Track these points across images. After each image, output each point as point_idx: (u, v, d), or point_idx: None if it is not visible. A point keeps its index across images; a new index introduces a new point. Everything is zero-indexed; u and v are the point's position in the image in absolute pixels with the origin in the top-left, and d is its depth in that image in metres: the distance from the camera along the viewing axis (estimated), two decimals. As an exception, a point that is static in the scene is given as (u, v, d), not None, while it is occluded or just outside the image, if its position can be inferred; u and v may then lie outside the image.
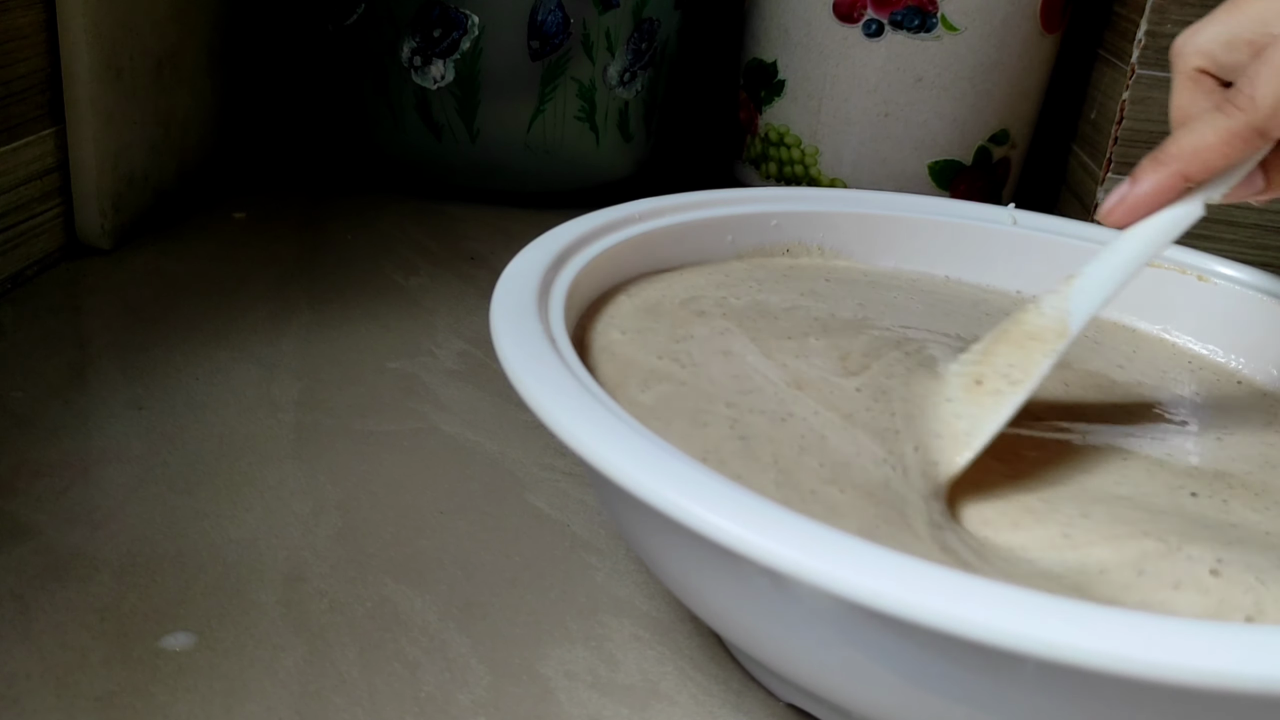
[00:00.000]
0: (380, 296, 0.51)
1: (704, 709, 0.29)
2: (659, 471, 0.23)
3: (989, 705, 0.22)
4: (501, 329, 0.29)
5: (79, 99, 0.49)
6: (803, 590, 0.22)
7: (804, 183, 0.66)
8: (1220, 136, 0.30)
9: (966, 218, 0.43)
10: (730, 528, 0.22)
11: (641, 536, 0.27)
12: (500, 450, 0.40)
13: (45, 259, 0.50)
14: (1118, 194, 0.32)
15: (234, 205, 0.61)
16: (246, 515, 0.35)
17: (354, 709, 0.28)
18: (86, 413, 0.39)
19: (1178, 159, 0.30)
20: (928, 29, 0.60)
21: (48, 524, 0.33)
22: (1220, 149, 0.30)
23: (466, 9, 0.58)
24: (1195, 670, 0.19)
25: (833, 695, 0.25)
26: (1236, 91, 0.30)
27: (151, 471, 0.36)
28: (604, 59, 0.61)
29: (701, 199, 0.40)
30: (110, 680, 0.28)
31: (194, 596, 0.31)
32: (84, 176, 0.51)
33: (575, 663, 0.30)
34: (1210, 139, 0.30)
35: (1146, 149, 0.57)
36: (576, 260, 0.34)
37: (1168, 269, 0.41)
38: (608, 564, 0.34)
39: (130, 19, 0.52)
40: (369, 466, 0.38)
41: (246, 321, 0.47)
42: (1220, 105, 0.30)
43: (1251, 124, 0.29)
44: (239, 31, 0.63)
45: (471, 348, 0.47)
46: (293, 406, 0.41)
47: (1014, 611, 0.20)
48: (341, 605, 0.31)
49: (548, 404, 0.25)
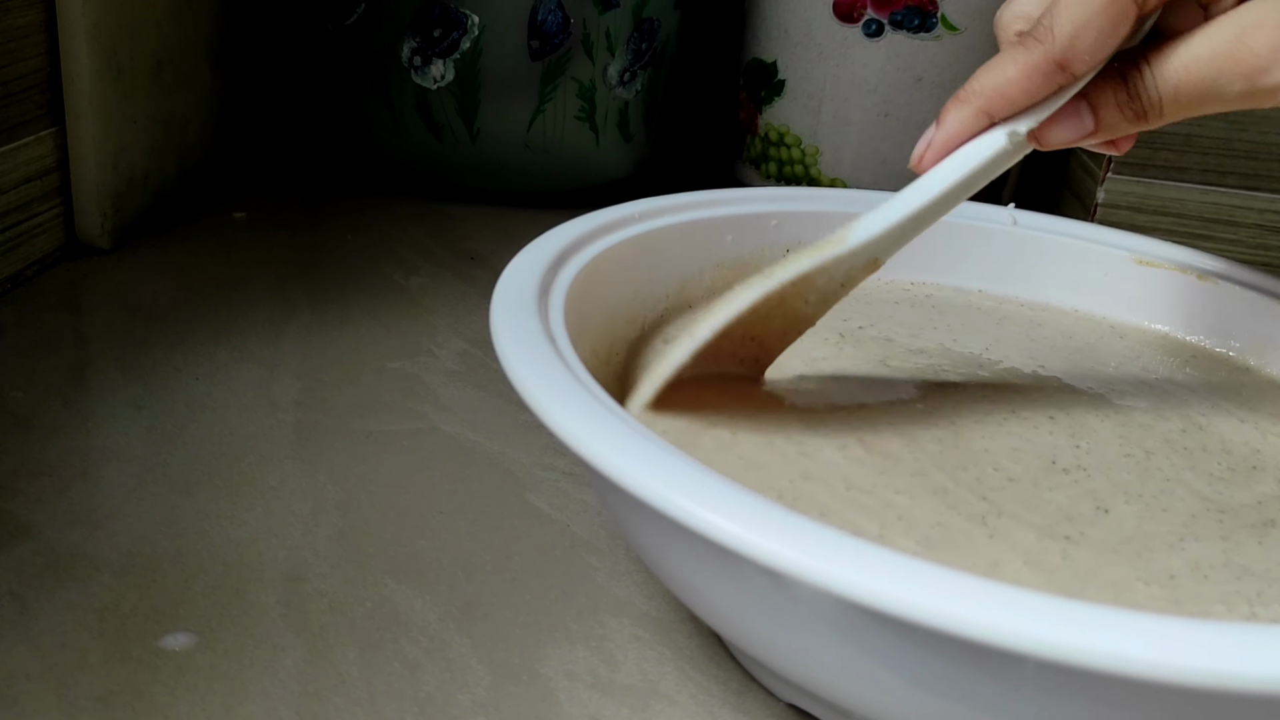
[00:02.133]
0: (380, 296, 0.51)
1: (704, 709, 0.29)
2: (659, 471, 0.23)
3: (989, 705, 0.22)
4: (501, 329, 0.29)
5: (79, 99, 0.49)
6: (803, 590, 0.22)
7: (804, 183, 0.66)
8: (1020, 70, 0.29)
9: (967, 218, 0.43)
10: (730, 528, 0.22)
11: (641, 537, 0.27)
12: (500, 450, 0.40)
13: (45, 259, 0.50)
14: (925, 138, 0.32)
15: (234, 205, 0.61)
16: (246, 515, 0.35)
17: (354, 709, 0.28)
18: (86, 413, 0.39)
19: (979, 95, 0.30)
20: (928, 29, 0.60)
21: (48, 524, 0.33)
22: (1020, 83, 0.29)
23: (466, 9, 0.58)
24: (1195, 670, 0.19)
25: (833, 695, 0.25)
26: (1036, 25, 0.29)
27: (151, 471, 0.36)
28: (604, 59, 0.61)
29: (701, 199, 0.40)
30: (110, 680, 0.28)
31: (194, 596, 0.31)
32: (84, 176, 0.51)
33: (575, 663, 0.30)
34: (1010, 73, 0.29)
35: (1147, 149, 0.58)
36: (576, 260, 0.34)
37: (1168, 269, 0.41)
38: (608, 564, 0.34)
39: (130, 19, 0.52)
40: (369, 466, 0.38)
41: (246, 321, 0.47)
42: (1021, 39, 0.30)
43: (1050, 55, 0.29)
44: (239, 31, 0.63)
45: (471, 348, 0.47)
46: (293, 406, 0.41)
47: (1014, 611, 0.20)
48: (341, 605, 0.31)
49: (547, 404, 0.25)
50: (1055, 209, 0.67)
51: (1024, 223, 0.43)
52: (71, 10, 0.48)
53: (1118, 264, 0.42)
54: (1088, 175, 0.62)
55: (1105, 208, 0.60)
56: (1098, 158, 0.61)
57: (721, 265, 0.40)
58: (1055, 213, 0.46)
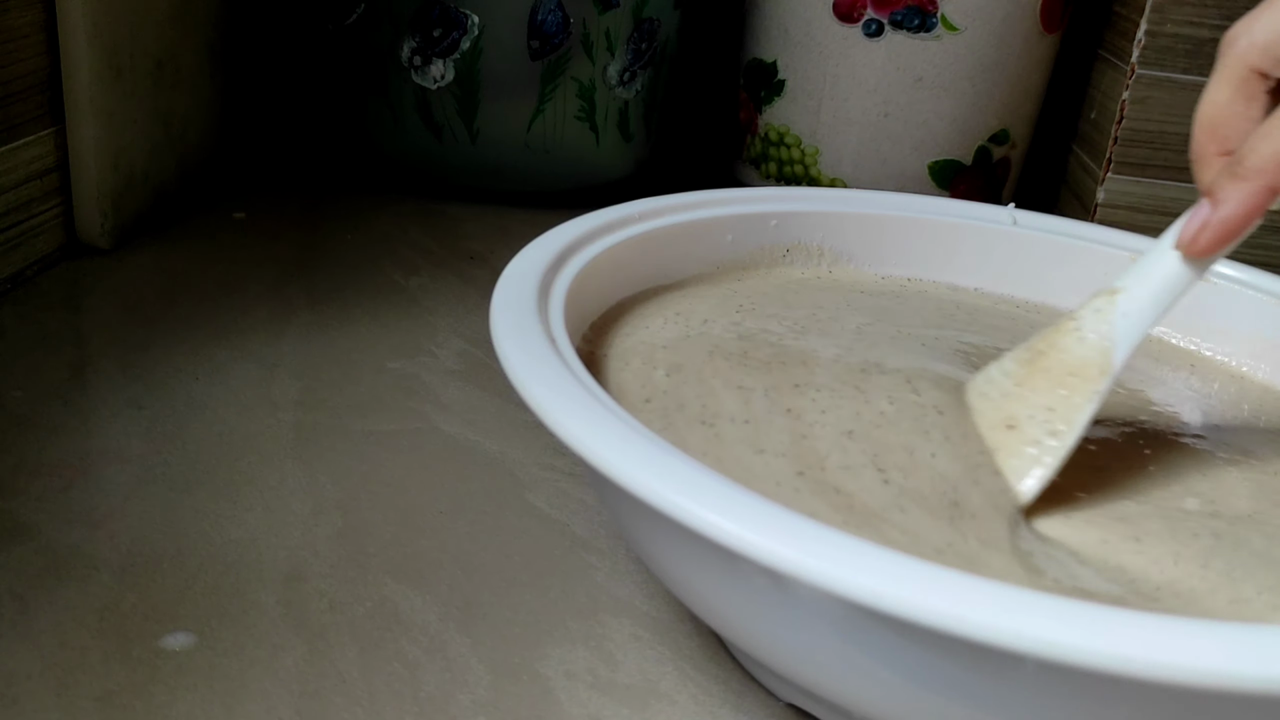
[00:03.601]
0: (380, 296, 0.51)
1: (704, 709, 0.29)
2: (659, 471, 0.23)
3: (989, 705, 0.22)
4: (501, 329, 0.29)
5: (79, 99, 0.49)
6: (803, 590, 0.22)
7: (804, 183, 0.66)
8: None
9: (967, 218, 0.43)
10: (730, 528, 0.22)
11: (641, 536, 0.27)
12: (500, 450, 0.40)
13: (45, 259, 0.50)
14: (1198, 219, 0.28)
15: (234, 205, 0.61)
16: (246, 515, 0.35)
17: (354, 709, 0.28)
18: (86, 413, 0.39)
19: (1263, 173, 0.26)
20: (928, 29, 0.60)
21: (48, 524, 0.33)
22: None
23: (466, 9, 0.58)
24: (1195, 670, 0.19)
25: (833, 695, 0.25)
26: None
27: (151, 471, 0.36)
28: (604, 59, 0.61)
29: (701, 199, 0.40)
30: (110, 680, 0.28)
31: (194, 596, 0.31)
32: (84, 176, 0.51)
33: (575, 663, 0.30)
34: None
35: (1147, 149, 0.58)
36: (576, 260, 0.34)
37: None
38: (608, 564, 0.34)
39: (130, 19, 0.52)
40: (369, 466, 0.38)
41: (246, 321, 0.47)
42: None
43: None
44: (239, 31, 0.63)
45: (471, 348, 0.47)
46: (293, 406, 0.41)
47: (1014, 611, 0.20)
48: (341, 605, 0.31)
49: (547, 404, 0.25)
50: (1055, 209, 0.67)
51: (1024, 223, 0.43)
52: (71, 10, 0.48)
53: (1118, 264, 0.42)
54: (1088, 175, 0.62)
55: (1105, 208, 0.60)
56: (1098, 158, 0.61)
57: (721, 265, 0.40)
58: (1055, 213, 0.46)
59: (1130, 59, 0.57)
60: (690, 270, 0.39)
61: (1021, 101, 0.64)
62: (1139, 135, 0.58)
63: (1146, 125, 0.57)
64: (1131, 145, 0.58)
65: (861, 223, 0.42)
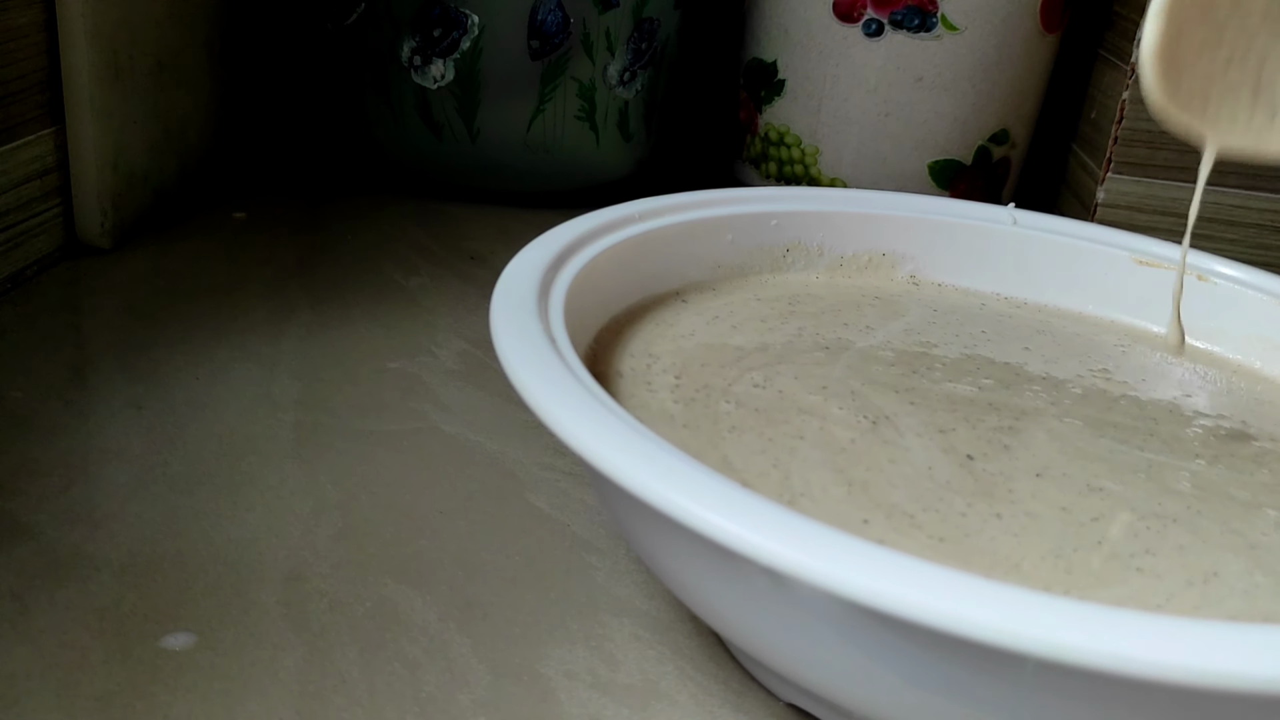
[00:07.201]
0: (380, 296, 0.51)
1: (704, 709, 0.29)
2: (659, 471, 0.23)
3: (989, 705, 0.22)
4: (501, 329, 0.29)
5: (79, 99, 0.49)
6: (803, 590, 0.22)
7: (804, 183, 0.66)
8: None
9: (967, 217, 0.43)
10: (730, 528, 0.22)
11: (641, 536, 0.27)
12: (500, 450, 0.40)
13: (45, 259, 0.50)
14: None
15: (234, 205, 0.61)
16: (246, 515, 0.35)
17: (354, 709, 0.28)
18: (86, 413, 0.39)
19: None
20: (928, 29, 0.60)
21: (48, 524, 0.33)
22: None
23: (466, 8, 0.58)
24: (1195, 670, 0.19)
25: (833, 695, 0.25)
26: None
27: (151, 471, 0.36)
28: (604, 59, 0.61)
29: (701, 199, 0.40)
30: (110, 680, 0.28)
31: (194, 596, 0.31)
32: (84, 176, 0.51)
33: (575, 663, 0.30)
34: None
35: (1147, 149, 0.58)
36: (576, 260, 0.34)
37: (1167, 269, 0.41)
38: (608, 564, 0.34)
39: (130, 19, 0.52)
40: (369, 466, 0.38)
41: (246, 321, 0.47)
42: None
43: None
44: (239, 31, 0.63)
45: (472, 348, 0.47)
46: (293, 406, 0.41)
47: (1014, 611, 0.20)
48: (341, 605, 0.31)
49: (547, 404, 0.25)
50: (1055, 209, 0.67)
51: (1024, 223, 0.43)
52: (71, 10, 0.48)
53: (1118, 264, 0.42)
54: (1088, 175, 0.62)
55: (1105, 208, 0.60)
56: (1098, 157, 0.61)
57: (721, 265, 0.40)
58: (1055, 213, 0.46)
59: (1130, 59, 0.57)
60: (690, 270, 0.39)
61: (1021, 101, 0.64)
62: (1139, 135, 0.58)
63: (1147, 125, 0.57)
64: (1131, 145, 0.58)
65: (862, 223, 0.42)
